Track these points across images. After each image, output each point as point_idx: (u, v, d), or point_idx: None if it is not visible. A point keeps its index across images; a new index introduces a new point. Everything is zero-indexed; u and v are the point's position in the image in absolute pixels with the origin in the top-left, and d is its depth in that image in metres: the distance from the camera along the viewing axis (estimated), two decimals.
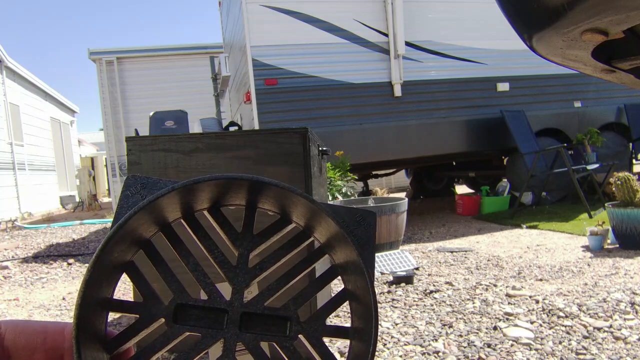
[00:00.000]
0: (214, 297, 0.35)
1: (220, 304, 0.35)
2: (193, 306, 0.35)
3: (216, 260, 0.36)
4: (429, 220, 5.22)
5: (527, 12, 0.46)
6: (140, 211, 0.33)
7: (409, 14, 4.91)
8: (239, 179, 0.35)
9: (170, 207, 0.35)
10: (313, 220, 0.37)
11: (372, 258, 0.38)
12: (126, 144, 1.70)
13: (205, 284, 0.35)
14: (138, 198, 0.37)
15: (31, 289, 3.03)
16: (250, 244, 0.38)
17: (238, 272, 0.36)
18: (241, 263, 0.37)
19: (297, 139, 1.59)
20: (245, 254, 0.37)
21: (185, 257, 0.35)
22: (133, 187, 0.38)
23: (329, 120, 4.68)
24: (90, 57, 9.69)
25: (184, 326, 0.34)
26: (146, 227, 0.35)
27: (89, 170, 11.76)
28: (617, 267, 2.59)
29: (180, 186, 0.33)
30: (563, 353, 1.53)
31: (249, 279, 0.36)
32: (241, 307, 0.35)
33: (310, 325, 0.36)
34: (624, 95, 5.74)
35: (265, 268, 0.37)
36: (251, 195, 0.36)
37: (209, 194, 0.35)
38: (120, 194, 0.37)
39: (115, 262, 0.34)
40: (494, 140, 5.31)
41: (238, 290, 0.36)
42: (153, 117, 5.43)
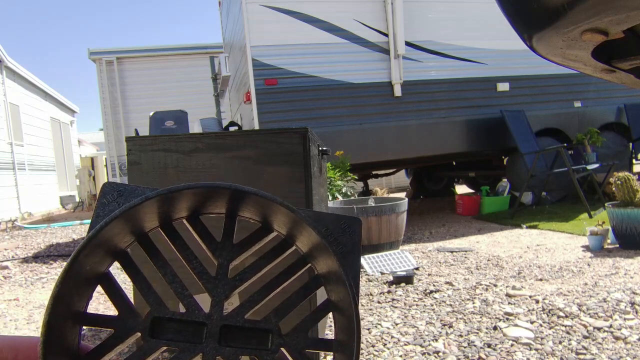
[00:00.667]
0: (192, 310, 0.34)
1: (199, 317, 0.33)
2: (171, 319, 0.33)
3: (195, 271, 0.35)
4: (429, 220, 5.22)
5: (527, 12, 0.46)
6: (114, 220, 0.31)
7: (409, 14, 4.91)
8: (218, 187, 0.34)
9: (147, 216, 0.33)
10: (295, 229, 0.36)
11: (357, 267, 0.37)
12: (126, 144, 1.70)
13: (183, 296, 0.34)
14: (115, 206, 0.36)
15: (31, 289, 3.03)
16: (230, 254, 0.36)
17: (217, 283, 0.35)
18: (220, 274, 0.35)
19: (297, 139, 1.59)
20: (225, 264, 0.36)
21: (162, 268, 0.34)
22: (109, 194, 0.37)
23: (329, 120, 4.68)
24: (90, 57, 9.69)
25: (160, 340, 0.33)
26: (121, 237, 0.33)
27: (89, 170, 11.76)
28: (617, 267, 2.59)
29: (155, 195, 0.32)
30: (563, 353, 1.53)
31: (228, 290, 0.35)
32: (220, 320, 0.34)
33: (292, 337, 0.34)
34: (624, 95, 5.74)
35: (245, 279, 0.36)
36: (231, 204, 0.35)
37: (187, 203, 0.34)
38: (97, 202, 0.36)
39: (89, 274, 0.32)
40: (494, 140, 5.31)
41: (217, 302, 0.34)
42: (153, 117, 5.43)
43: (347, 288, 0.33)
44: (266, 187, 1.62)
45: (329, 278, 0.36)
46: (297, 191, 1.58)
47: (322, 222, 0.38)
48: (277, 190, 1.60)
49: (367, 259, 3.01)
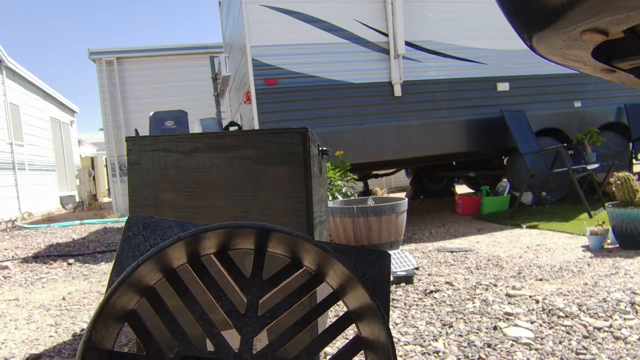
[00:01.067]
0: (221, 349, 0.33)
1: (228, 356, 0.33)
2: (199, 358, 0.33)
3: (224, 308, 0.34)
4: (429, 220, 5.22)
5: (527, 12, 0.46)
6: (146, 262, 0.31)
7: (409, 14, 4.91)
8: (246, 227, 0.33)
9: (177, 254, 0.33)
10: (324, 265, 0.35)
11: (387, 301, 0.36)
12: (126, 144, 1.70)
13: (212, 334, 0.33)
14: (141, 239, 0.35)
15: (31, 289, 3.03)
16: (260, 290, 0.35)
17: (247, 321, 0.34)
18: (250, 311, 0.34)
19: (297, 139, 1.59)
20: (254, 301, 0.35)
21: (191, 305, 0.33)
22: (135, 227, 0.36)
23: (329, 120, 4.68)
24: (90, 57, 9.69)
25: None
26: (151, 275, 0.33)
27: (89, 170, 11.76)
28: (617, 267, 2.59)
29: (187, 235, 0.31)
30: (563, 353, 1.54)
31: (258, 327, 0.34)
32: (251, 358, 0.33)
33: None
34: (624, 95, 5.74)
35: (275, 316, 0.35)
36: (259, 242, 0.35)
37: (216, 241, 0.34)
38: (122, 235, 0.35)
39: (118, 313, 0.32)
40: (494, 140, 5.31)
41: (247, 341, 0.33)
42: (153, 117, 5.43)
43: (382, 324, 0.32)
44: (266, 187, 1.62)
45: (361, 314, 0.35)
46: (297, 191, 1.58)
47: (351, 256, 0.37)
48: (277, 190, 1.60)
49: None
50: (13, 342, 2.00)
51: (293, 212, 1.59)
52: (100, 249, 4.53)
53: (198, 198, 1.65)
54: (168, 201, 1.67)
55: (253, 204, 1.62)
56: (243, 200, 1.64)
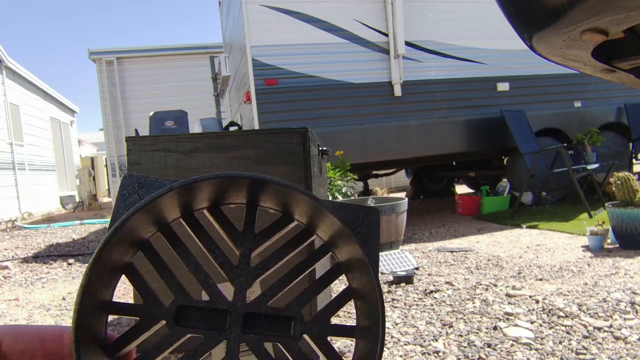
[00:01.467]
0: (215, 298, 0.34)
1: (223, 305, 0.34)
2: (195, 307, 0.34)
3: (217, 261, 0.35)
4: (429, 220, 5.22)
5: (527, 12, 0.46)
6: (139, 211, 0.32)
7: (409, 14, 4.91)
8: (239, 177, 0.34)
9: (169, 206, 0.34)
10: (316, 217, 0.36)
11: (376, 255, 0.37)
12: (126, 144, 1.71)
13: (206, 284, 0.34)
14: (135, 198, 0.36)
15: (31, 289, 3.03)
16: (252, 243, 0.37)
17: (240, 272, 0.35)
18: (243, 263, 0.36)
19: (297, 139, 1.59)
20: (247, 254, 0.36)
21: (185, 258, 0.35)
22: (130, 186, 0.37)
23: (329, 120, 4.68)
24: (90, 57, 9.69)
25: (185, 328, 0.33)
26: (145, 227, 0.34)
27: (89, 170, 11.77)
28: (617, 267, 2.59)
29: (179, 185, 0.32)
30: (563, 353, 1.53)
31: (251, 278, 0.36)
32: (244, 308, 0.34)
33: (314, 324, 0.35)
34: (624, 95, 5.74)
35: (267, 267, 0.36)
36: (252, 194, 0.36)
37: (208, 193, 0.35)
38: (117, 194, 0.36)
39: (114, 264, 0.33)
40: (494, 140, 5.31)
41: (240, 291, 0.35)
42: (153, 117, 5.43)
43: (371, 274, 0.33)
44: None
45: (351, 265, 0.36)
46: None
47: (342, 212, 0.38)
48: None
49: None
50: None
51: None
52: None
53: None
54: None
55: None
56: None
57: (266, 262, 0.36)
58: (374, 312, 0.33)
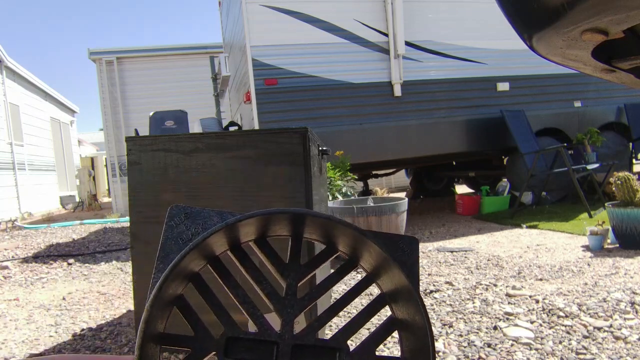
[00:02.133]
0: (264, 330, 0.34)
1: (271, 337, 0.34)
2: (244, 339, 0.34)
3: (264, 292, 0.35)
4: (429, 220, 5.23)
5: (527, 12, 0.46)
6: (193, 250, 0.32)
7: (409, 14, 4.91)
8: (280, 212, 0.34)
9: (219, 242, 0.34)
10: (359, 248, 0.36)
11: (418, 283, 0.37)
12: (126, 144, 1.71)
13: (255, 316, 0.34)
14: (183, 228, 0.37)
15: (31, 289, 3.03)
16: (298, 275, 0.37)
17: (287, 304, 0.35)
18: (290, 294, 0.36)
19: (297, 139, 1.59)
20: (293, 285, 0.36)
21: (233, 289, 0.35)
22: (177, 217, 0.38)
23: (329, 120, 4.68)
24: (90, 57, 9.69)
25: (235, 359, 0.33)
26: (196, 262, 0.34)
27: (89, 170, 11.76)
28: (617, 267, 2.59)
29: (230, 223, 0.32)
30: (563, 353, 1.54)
31: (297, 310, 0.35)
32: (292, 339, 0.34)
33: (360, 356, 0.35)
34: (624, 95, 5.74)
35: (313, 298, 0.36)
36: (296, 227, 0.36)
37: (254, 227, 0.35)
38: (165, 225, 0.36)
39: (168, 298, 0.33)
40: (494, 140, 5.31)
41: (287, 322, 0.35)
42: (153, 117, 5.43)
43: (419, 306, 0.33)
44: (266, 187, 1.62)
45: (395, 295, 0.36)
46: (297, 191, 1.58)
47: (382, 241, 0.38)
48: (277, 190, 1.60)
49: None
50: (13, 342, 2.00)
51: None
52: (100, 249, 4.53)
53: (198, 198, 1.65)
54: (168, 201, 1.67)
55: (253, 203, 1.62)
56: (243, 200, 1.64)
57: (312, 293, 0.36)
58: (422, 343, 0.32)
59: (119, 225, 7.03)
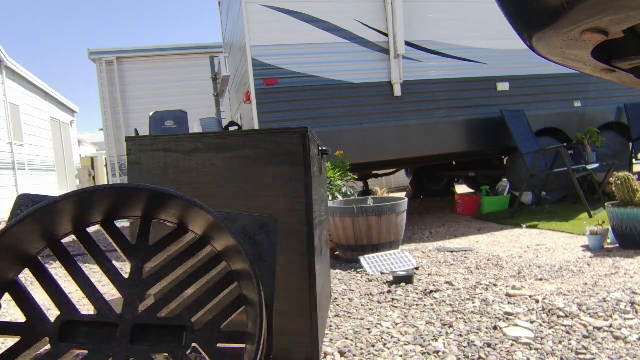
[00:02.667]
0: (103, 312, 0.33)
1: (110, 318, 0.33)
2: (82, 323, 0.33)
3: (108, 274, 0.35)
4: (429, 220, 5.23)
5: (527, 12, 0.46)
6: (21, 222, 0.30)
7: (409, 14, 4.91)
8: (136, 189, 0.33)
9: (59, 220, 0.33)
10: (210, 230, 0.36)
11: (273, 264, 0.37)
12: (126, 144, 1.71)
13: (94, 298, 0.33)
14: None
15: (31, 289, 3.03)
16: (146, 256, 0.36)
17: (131, 284, 0.34)
18: (134, 275, 0.35)
19: (297, 139, 1.59)
20: (139, 266, 0.36)
21: (74, 274, 0.34)
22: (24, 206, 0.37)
23: (329, 120, 4.68)
24: (90, 57, 9.68)
25: (71, 344, 0.32)
26: (31, 242, 0.33)
27: (89, 170, 11.76)
28: (617, 267, 2.59)
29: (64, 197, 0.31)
30: (563, 353, 1.54)
31: (141, 290, 0.34)
32: (132, 320, 0.33)
33: (205, 332, 0.34)
34: (624, 95, 5.74)
35: (160, 278, 0.35)
36: (149, 207, 0.35)
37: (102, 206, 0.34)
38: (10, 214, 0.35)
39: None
40: (494, 140, 5.31)
41: (129, 303, 0.34)
42: (153, 117, 5.43)
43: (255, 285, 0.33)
44: (266, 187, 1.62)
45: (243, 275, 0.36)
46: (297, 191, 1.58)
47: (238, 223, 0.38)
48: (277, 190, 1.60)
49: (367, 259, 3.01)
50: (13, 342, 2.00)
51: (293, 212, 1.59)
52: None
53: (198, 198, 1.65)
54: None
55: (253, 203, 1.62)
56: (243, 200, 1.64)
57: (159, 273, 0.35)
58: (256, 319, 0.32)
59: (119, 225, 7.02)
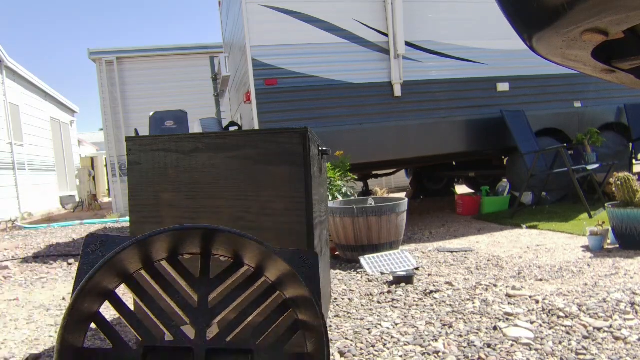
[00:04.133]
0: (179, 338, 0.37)
1: (185, 343, 0.36)
2: (161, 348, 0.36)
3: (179, 305, 0.38)
4: (429, 220, 5.22)
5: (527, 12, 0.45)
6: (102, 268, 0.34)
7: (409, 14, 4.91)
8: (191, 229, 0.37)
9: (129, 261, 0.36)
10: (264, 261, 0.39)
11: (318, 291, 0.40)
12: (126, 144, 1.70)
13: (169, 326, 0.37)
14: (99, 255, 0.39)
15: (31, 289, 3.03)
16: (208, 288, 0.40)
17: (199, 314, 0.38)
18: (201, 305, 0.39)
19: (297, 139, 1.59)
20: (204, 297, 0.39)
21: (149, 304, 0.37)
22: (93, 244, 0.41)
23: (329, 120, 4.68)
24: (90, 57, 9.69)
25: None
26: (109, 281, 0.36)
27: (89, 170, 11.76)
28: (617, 267, 2.59)
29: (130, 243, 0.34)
30: (563, 353, 1.53)
31: (209, 319, 0.38)
32: (205, 345, 0.37)
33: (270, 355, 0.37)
34: (624, 95, 5.74)
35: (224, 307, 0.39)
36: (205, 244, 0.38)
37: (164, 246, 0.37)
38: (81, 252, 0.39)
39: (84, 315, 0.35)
40: (494, 140, 5.31)
41: (200, 330, 0.37)
42: (153, 117, 5.43)
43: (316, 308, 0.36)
44: (266, 187, 1.62)
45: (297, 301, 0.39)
46: (297, 191, 1.58)
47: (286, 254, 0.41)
48: (277, 190, 1.60)
49: (367, 259, 3.01)
50: (13, 342, 2.00)
51: (293, 212, 1.59)
52: None
53: (198, 198, 1.65)
54: (168, 201, 1.67)
55: (253, 204, 1.62)
56: (243, 201, 1.64)
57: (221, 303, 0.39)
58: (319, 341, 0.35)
59: (119, 225, 7.03)
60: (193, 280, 0.41)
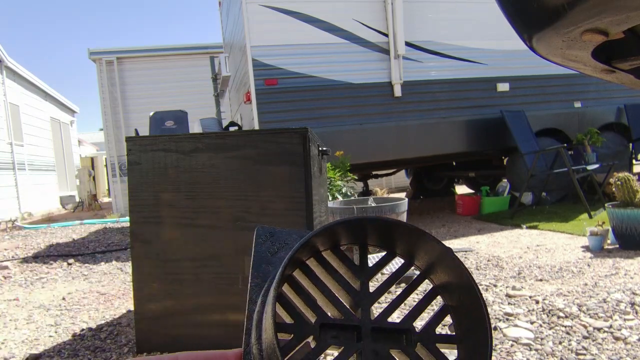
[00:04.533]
0: (348, 317, 0.43)
1: (354, 322, 0.43)
2: (333, 325, 0.42)
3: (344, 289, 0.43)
4: (429, 220, 5.23)
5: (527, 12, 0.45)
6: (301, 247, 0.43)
7: (409, 14, 4.91)
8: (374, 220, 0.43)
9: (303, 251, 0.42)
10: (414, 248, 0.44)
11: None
12: (126, 144, 1.71)
13: (340, 307, 0.42)
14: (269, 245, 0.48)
15: (31, 289, 3.03)
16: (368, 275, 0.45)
17: (363, 296, 0.43)
18: (363, 289, 0.44)
19: (297, 139, 1.59)
20: (365, 282, 0.44)
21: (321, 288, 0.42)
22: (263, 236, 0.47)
23: (329, 120, 4.68)
24: (90, 57, 9.68)
25: (328, 340, 0.42)
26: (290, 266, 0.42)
27: (89, 170, 11.76)
28: (617, 268, 2.59)
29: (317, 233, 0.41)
30: (563, 353, 1.53)
31: (371, 301, 0.44)
32: (370, 323, 0.42)
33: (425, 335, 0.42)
34: (624, 95, 5.74)
35: (381, 293, 0.46)
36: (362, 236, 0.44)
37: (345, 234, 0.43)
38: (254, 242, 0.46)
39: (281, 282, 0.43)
40: (494, 140, 5.31)
41: (365, 310, 0.45)
42: (153, 117, 5.43)
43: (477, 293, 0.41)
44: (266, 187, 1.62)
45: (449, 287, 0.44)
46: (297, 191, 1.58)
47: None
48: (277, 190, 1.60)
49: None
50: (13, 342, 2.00)
51: (293, 212, 1.59)
52: (100, 249, 4.53)
53: (198, 198, 1.65)
54: (168, 201, 1.67)
55: (253, 204, 1.62)
56: (243, 201, 1.64)
57: (380, 288, 0.43)
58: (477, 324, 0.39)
59: (119, 225, 7.03)
60: (355, 268, 0.47)
